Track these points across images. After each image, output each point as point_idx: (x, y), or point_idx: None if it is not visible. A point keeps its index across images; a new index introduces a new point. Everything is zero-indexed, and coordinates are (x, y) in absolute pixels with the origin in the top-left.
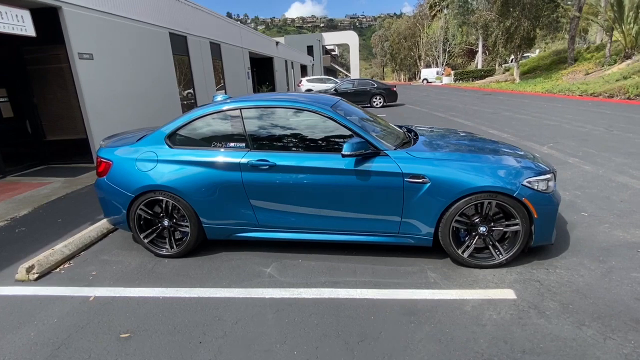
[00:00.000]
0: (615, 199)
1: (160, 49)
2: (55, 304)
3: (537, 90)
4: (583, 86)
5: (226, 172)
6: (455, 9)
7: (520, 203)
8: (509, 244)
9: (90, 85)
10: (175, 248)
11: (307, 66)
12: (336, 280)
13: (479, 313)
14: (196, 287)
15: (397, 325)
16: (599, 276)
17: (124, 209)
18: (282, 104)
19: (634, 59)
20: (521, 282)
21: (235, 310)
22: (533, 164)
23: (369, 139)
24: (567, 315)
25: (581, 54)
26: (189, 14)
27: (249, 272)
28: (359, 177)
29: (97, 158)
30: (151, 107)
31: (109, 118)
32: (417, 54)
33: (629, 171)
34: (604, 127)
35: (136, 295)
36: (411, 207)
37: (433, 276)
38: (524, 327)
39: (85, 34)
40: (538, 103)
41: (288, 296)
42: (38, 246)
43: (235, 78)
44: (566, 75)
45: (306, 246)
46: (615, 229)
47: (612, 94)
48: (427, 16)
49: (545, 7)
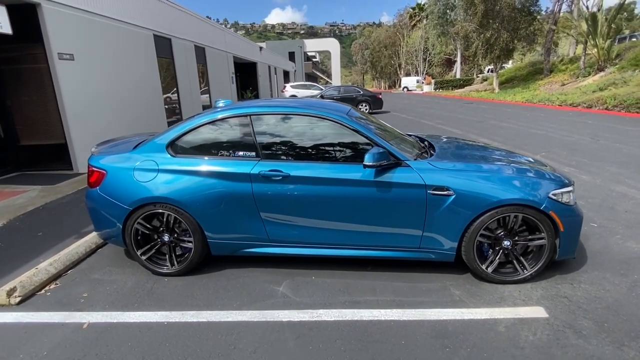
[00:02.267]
0: (620, 209)
1: (144, 51)
2: (43, 333)
3: (517, 100)
4: (562, 96)
5: (235, 183)
6: (434, 20)
7: (546, 216)
8: (534, 258)
9: (70, 87)
10: (176, 265)
11: (289, 72)
12: (356, 300)
13: (514, 334)
14: (204, 309)
15: (432, 350)
16: (625, 291)
17: (119, 223)
18: (294, 110)
19: (607, 72)
20: (549, 299)
21: (251, 337)
22: (555, 176)
23: (389, 149)
24: (604, 335)
25: (556, 65)
26: (173, 15)
27: (260, 291)
28: (379, 189)
29: (89, 167)
30: (134, 111)
31: (90, 122)
32: (398, 63)
33: (625, 181)
34: (589, 136)
35: (136, 320)
36: (434, 221)
37: (457, 293)
38: (564, 349)
39: (65, 33)
40: (520, 112)
41: (307, 319)
42: (17, 264)
43: (219, 83)
44: (543, 86)
45: (317, 262)
46: (628, 240)
47: (591, 105)
48: (407, 26)
49: (523, 19)
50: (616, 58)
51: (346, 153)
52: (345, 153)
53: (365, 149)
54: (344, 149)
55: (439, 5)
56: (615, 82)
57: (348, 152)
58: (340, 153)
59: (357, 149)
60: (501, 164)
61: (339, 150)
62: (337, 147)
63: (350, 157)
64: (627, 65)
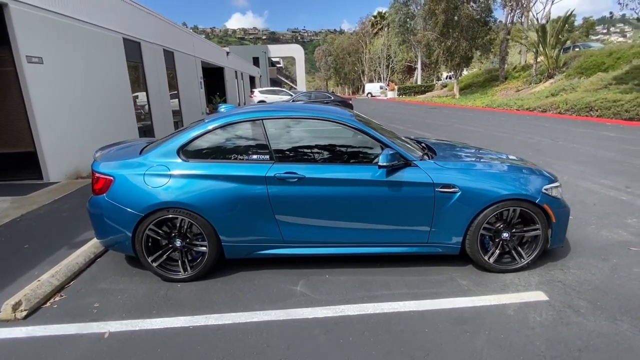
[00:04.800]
0: (589, 203)
1: (114, 55)
2: (63, 346)
3: (477, 105)
4: (519, 102)
5: (251, 185)
6: (395, 28)
7: (540, 209)
8: (529, 248)
9: (39, 92)
10: (189, 271)
11: (255, 77)
12: (373, 295)
13: (523, 317)
14: (226, 312)
15: (454, 335)
16: (609, 273)
17: (128, 230)
18: (304, 114)
19: (556, 79)
20: (546, 284)
21: (282, 334)
22: (545, 173)
23: (398, 150)
24: (599, 312)
25: (510, 72)
26: (142, 19)
27: (278, 291)
28: (391, 188)
29: (94, 173)
30: (105, 117)
31: (61, 129)
32: (361, 69)
33: (589, 177)
34: (549, 138)
35: (159, 327)
36: (441, 217)
37: (464, 283)
38: (568, 326)
39: (34, 35)
40: (483, 116)
41: (332, 314)
42: (10, 278)
43: (188, 87)
44: (499, 92)
45: (328, 261)
46: (601, 229)
47: (545, 109)
48: (369, 34)
49: (480, 29)
50: (563, 66)
51: (357, 155)
52: (356, 155)
53: (374, 150)
54: (355, 151)
55: (399, 14)
56: (565, 88)
57: (358, 154)
58: (351, 155)
59: (366, 151)
60: (497, 163)
61: (350, 152)
62: (348, 149)
63: (361, 159)
64: (573, 73)
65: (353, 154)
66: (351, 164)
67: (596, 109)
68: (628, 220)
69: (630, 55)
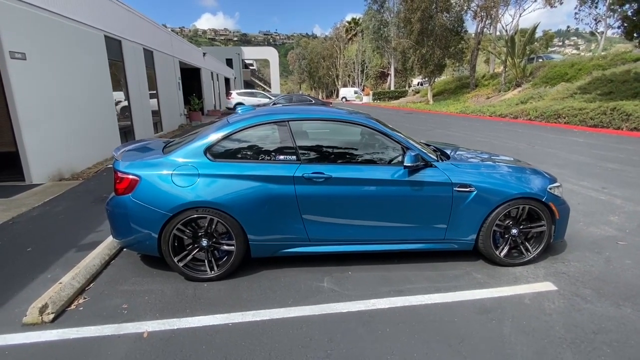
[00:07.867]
0: (574, 202)
1: (96, 52)
2: (103, 347)
3: (451, 111)
4: (491, 108)
5: (279, 185)
6: (370, 35)
7: (546, 206)
8: (535, 242)
9: (23, 89)
10: (216, 270)
11: (230, 79)
12: (399, 289)
13: (538, 305)
14: (261, 309)
15: (482, 323)
16: (604, 265)
17: (154, 230)
18: (329, 116)
19: (523, 87)
20: (552, 275)
21: (322, 328)
22: (547, 174)
23: (419, 152)
24: (604, 299)
25: (480, 80)
26: (123, 16)
27: (307, 288)
28: (412, 188)
29: (118, 173)
30: (87, 116)
31: (45, 128)
32: (336, 73)
33: (569, 179)
34: (525, 143)
35: (198, 325)
36: (457, 215)
37: (479, 277)
38: (580, 312)
39: (17, 30)
40: (458, 122)
41: (364, 308)
42: (23, 281)
43: (167, 88)
44: (471, 99)
45: (349, 258)
46: (589, 226)
47: (517, 116)
48: (343, 39)
49: (453, 38)
50: (530, 75)
51: (380, 156)
52: (379, 156)
53: (394, 152)
54: (376, 152)
55: (373, 21)
56: (533, 96)
57: (381, 155)
58: (374, 155)
59: (388, 152)
60: (506, 164)
61: (373, 153)
62: (371, 150)
63: (384, 159)
64: (539, 82)
65: (376, 155)
66: (374, 165)
67: (564, 116)
68: (611, 217)
69: (590, 67)
